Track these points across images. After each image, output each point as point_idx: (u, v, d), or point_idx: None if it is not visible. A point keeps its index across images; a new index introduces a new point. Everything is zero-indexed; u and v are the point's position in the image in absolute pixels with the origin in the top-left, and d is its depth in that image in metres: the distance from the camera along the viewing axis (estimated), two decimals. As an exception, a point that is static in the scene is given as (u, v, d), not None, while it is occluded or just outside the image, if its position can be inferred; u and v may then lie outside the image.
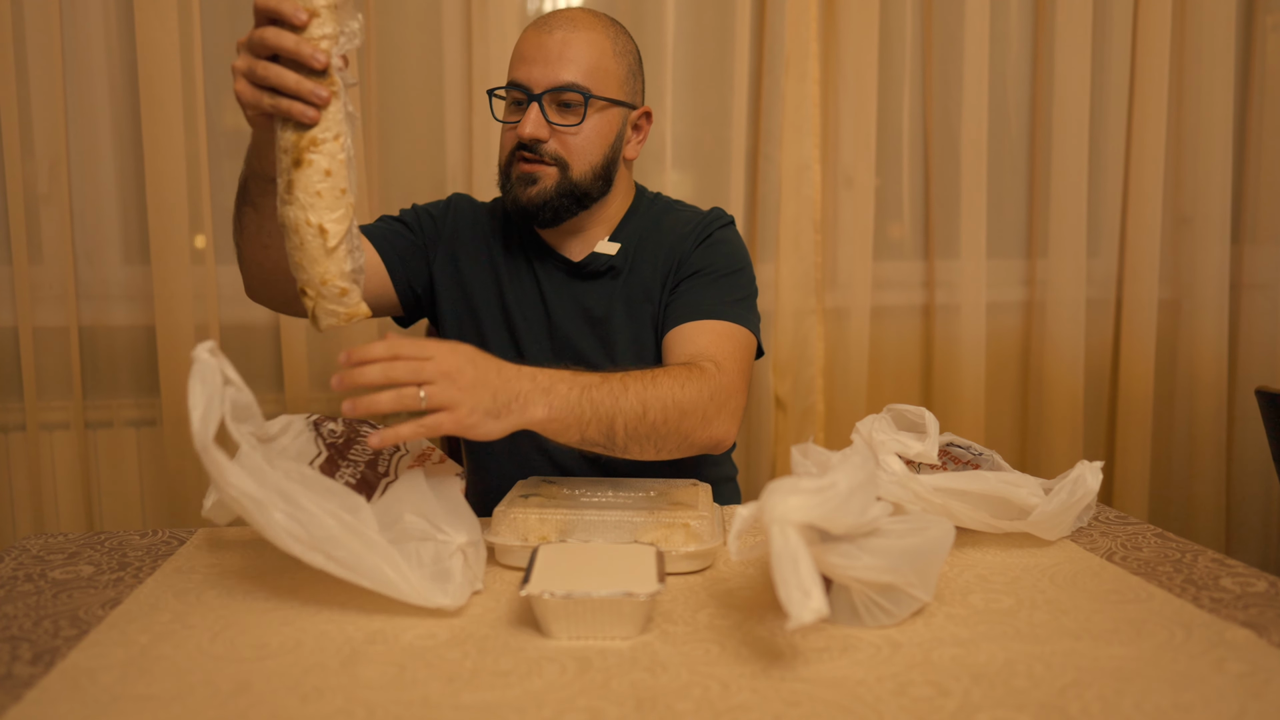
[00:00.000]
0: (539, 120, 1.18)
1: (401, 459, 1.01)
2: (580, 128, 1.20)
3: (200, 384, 0.79)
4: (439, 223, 1.33)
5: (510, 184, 1.23)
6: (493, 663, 0.72)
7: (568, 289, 1.29)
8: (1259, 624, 0.76)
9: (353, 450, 0.99)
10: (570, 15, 1.22)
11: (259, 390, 1.88)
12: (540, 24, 1.21)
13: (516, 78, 1.20)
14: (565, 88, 1.18)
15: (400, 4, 1.87)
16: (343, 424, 1.02)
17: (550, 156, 1.20)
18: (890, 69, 2.00)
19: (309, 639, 0.76)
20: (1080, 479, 0.96)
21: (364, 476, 0.96)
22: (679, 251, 1.28)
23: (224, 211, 1.85)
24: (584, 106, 1.19)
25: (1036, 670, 0.69)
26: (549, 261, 1.30)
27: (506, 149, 1.23)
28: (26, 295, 1.72)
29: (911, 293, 2.08)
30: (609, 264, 1.28)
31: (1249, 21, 2.12)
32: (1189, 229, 2.11)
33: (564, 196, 1.21)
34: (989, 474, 0.97)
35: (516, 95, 1.21)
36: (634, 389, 0.98)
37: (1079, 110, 2.00)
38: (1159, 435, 2.15)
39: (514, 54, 1.22)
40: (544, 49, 1.18)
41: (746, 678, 0.69)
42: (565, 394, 0.92)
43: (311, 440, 0.97)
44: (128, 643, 0.75)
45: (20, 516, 1.79)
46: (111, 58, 1.77)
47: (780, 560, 0.69)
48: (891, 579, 0.76)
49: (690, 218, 1.32)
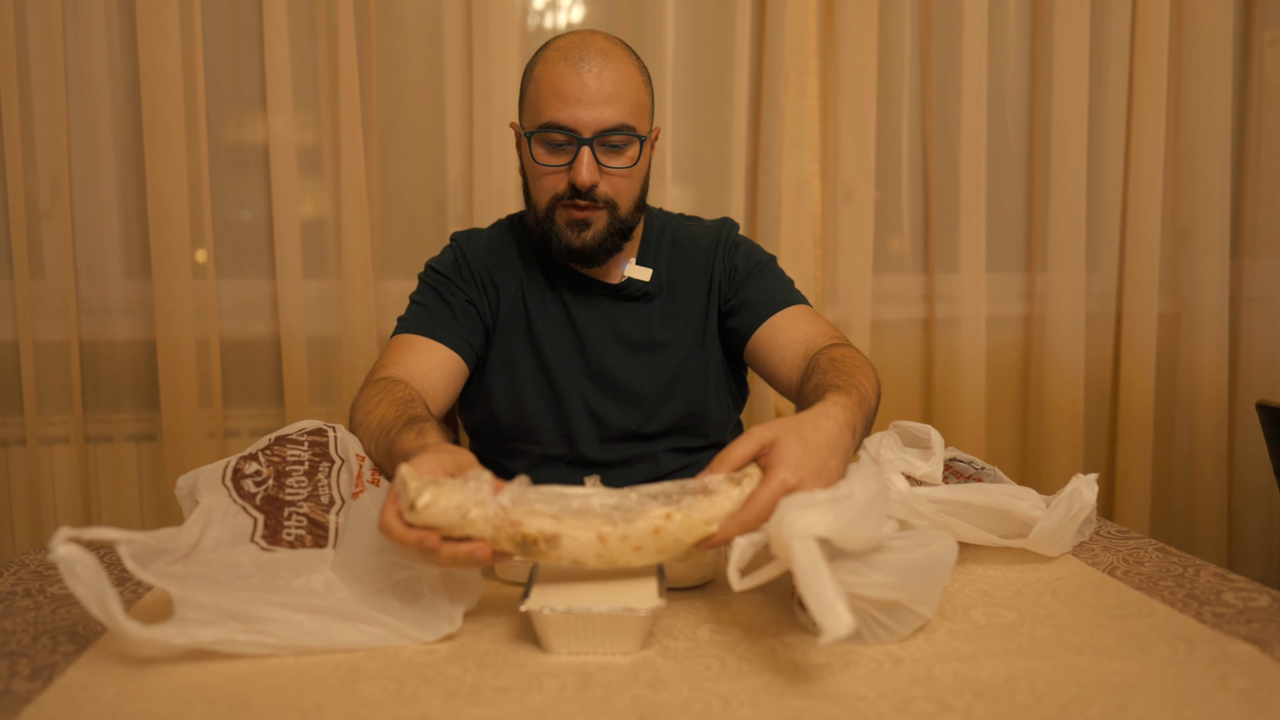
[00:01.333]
0: (593, 165, 1.14)
1: (339, 471, 0.93)
2: (632, 170, 1.18)
3: (78, 581, 0.71)
4: (464, 273, 1.28)
5: (555, 229, 1.18)
6: (493, 679, 0.71)
7: (600, 313, 1.27)
8: (1262, 639, 0.75)
9: (287, 486, 0.89)
10: (601, 48, 1.15)
11: (260, 405, 1.91)
12: (574, 59, 1.14)
13: (560, 120, 1.13)
14: (616, 130, 1.14)
15: (401, 20, 1.88)
16: (263, 459, 0.91)
17: (602, 199, 1.17)
18: (889, 83, 2.01)
19: (308, 655, 0.76)
20: (1076, 493, 0.96)
21: (312, 520, 0.87)
22: (715, 266, 1.29)
23: (225, 226, 1.85)
24: (637, 148, 1.17)
25: (1039, 686, 0.68)
26: (575, 286, 1.27)
27: (547, 193, 1.17)
28: (28, 310, 1.73)
29: (911, 306, 2.08)
30: (644, 289, 1.27)
31: (1246, 36, 2.13)
32: (1188, 242, 2.12)
33: (614, 235, 1.19)
34: (990, 486, 0.97)
35: (558, 138, 1.15)
36: (866, 386, 0.99)
37: (1078, 124, 2.01)
38: (1160, 449, 2.15)
39: (547, 91, 1.14)
40: (587, 89, 1.12)
41: (748, 693, 0.68)
42: (861, 423, 0.93)
43: (238, 511, 0.86)
44: (126, 659, 0.74)
45: (19, 531, 1.78)
46: (114, 73, 1.78)
47: (807, 575, 0.68)
48: (898, 596, 0.75)
49: (705, 231, 1.33)
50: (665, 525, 0.77)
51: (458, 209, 1.92)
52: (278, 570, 0.80)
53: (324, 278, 1.88)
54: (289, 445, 0.93)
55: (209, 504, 0.85)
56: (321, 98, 1.84)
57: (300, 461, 0.91)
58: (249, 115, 1.86)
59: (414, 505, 0.73)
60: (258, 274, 1.87)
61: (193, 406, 1.78)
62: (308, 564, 0.81)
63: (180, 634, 0.73)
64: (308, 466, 0.91)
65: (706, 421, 1.31)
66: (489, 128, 1.85)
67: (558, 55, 1.15)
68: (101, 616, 0.71)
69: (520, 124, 1.22)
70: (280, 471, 0.90)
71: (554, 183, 1.17)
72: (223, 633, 0.74)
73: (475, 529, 0.75)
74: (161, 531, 0.79)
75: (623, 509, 0.78)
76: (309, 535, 0.84)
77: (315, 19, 1.82)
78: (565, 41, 1.17)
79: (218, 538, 0.82)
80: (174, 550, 0.79)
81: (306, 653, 0.76)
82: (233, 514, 0.85)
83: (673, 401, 1.28)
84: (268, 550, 0.81)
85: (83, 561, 0.71)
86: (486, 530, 0.75)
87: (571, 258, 1.20)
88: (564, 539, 0.76)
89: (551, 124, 1.14)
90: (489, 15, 1.83)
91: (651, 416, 1.27)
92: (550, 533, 0.76)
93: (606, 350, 1.26)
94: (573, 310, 1.27)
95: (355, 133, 1.80)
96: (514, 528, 0.76)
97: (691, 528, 0.78)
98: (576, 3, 1.95)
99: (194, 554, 0.80)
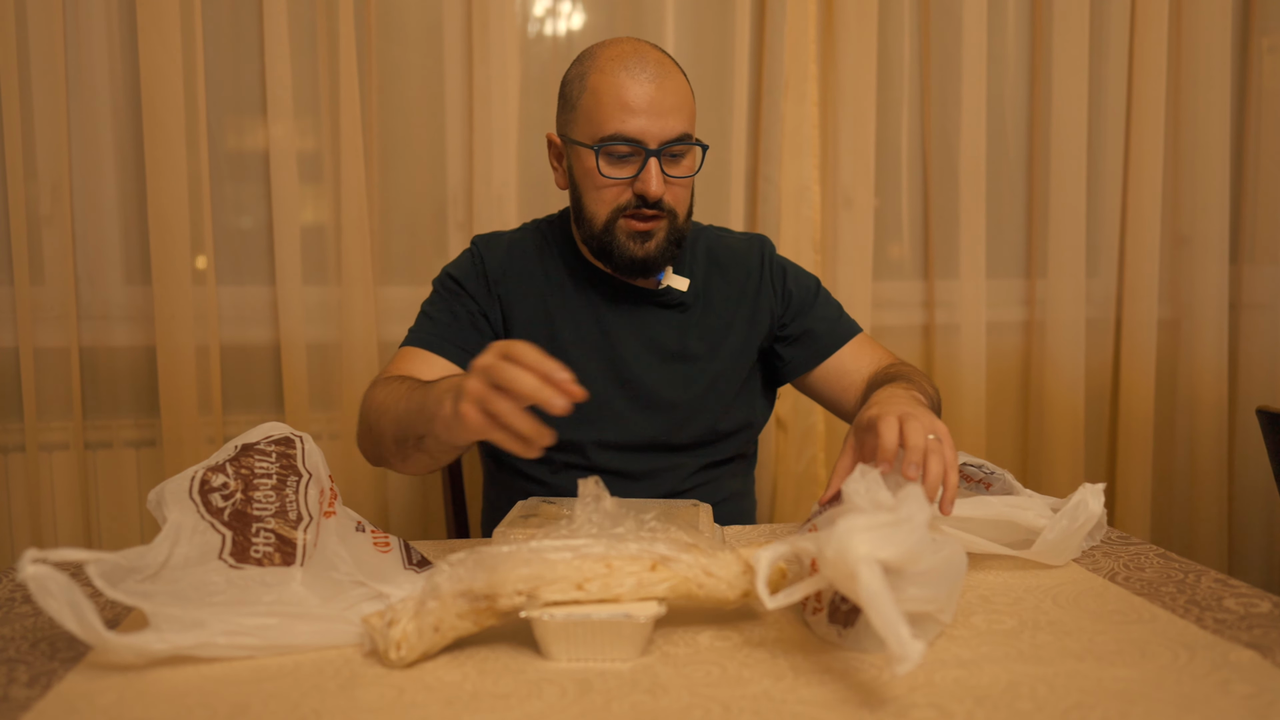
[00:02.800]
0: (660, 176, 1.15)
1: (306, 485, 0.91)
2: (692, 178, 1.20)
3: (49, 597, 0.71)
4: (478, 280, 1.27)
5: (616, 241, 1.18)
6: (492, 685, 0.71)
7: (634, 320, 1.26)
8: (1263, 645, 0.75)
9: (255, 501, 0.86)
10: (657, 57, 1.16)
11: (260, 411, 1.91)
12: (633, 70, 1.14)
13: (626, 131, 1.13)
14: (679, 140, 1.15)
15: (402, 27, 1.88)
16: (231, 471, 0.88)
17: (665, 209, 1.17)
18: (889, 90, 2.02)
19: (307, 661, 0.76)
20: (1081, 504, 0.95)
21: (280, 536, 0.85)
22: (760, 287, 1.32)
23: (225, 232, 1.85)
24: (695, 156, 1.18)
25: (1040, 692, 0.68)
26: (608, 291, 1.27)
27: (608, 205, 1.17)
28: (28, 316, 1.73)
29: (911, 313, 2.08)
30: (680, 298, 1.28)
31: (1245, 42, 2.13)
32: (1188, 249, 2.12)
33: (673, 244, 1.20)
34: (993, 499, 0.96)
35: (623, 150, 1.15)
36: (923, 384, 1.13)
37: (1077, 130, 2.01)
38: (1160, 455, 2.14)
39: (610, 103, 1.13)
40: (652, 100, 1.13)
41: (748, 700, 0.68)
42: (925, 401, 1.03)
43: (206, 528, 0.83)
44: (125, 665, 0.74)
45: (19, 537, 1.78)
46: (114, 79, 1.79)
47: (875, 601, 0.66)
48: (933, 609, 0.74)
49: (741, 246, 1.35)
50: (648, 578, 0.77)
51: (458, 215, 1.93)
52: (248, 586, 0.79)
53: (324, 284, 1.88)
54: (256, 456, 0.91)
55: (177, 520, 0.83)
56: (322, 104, 1.84)
57: (268, 474, 0.89)
58: (249, 122, 1.86)
59: (390, 655, 0.74)
60: (258, 280, 1.87)
61: (192, 413, 1.78)
62: (277, 581, 0.80)
63: (159, 639, 0.73)
64: (275, 480, 0.89)
65: (734, 436, 1.31)
66: (489, 135, 1.85)
67: (615, 65, 1.14)
68: (78, 630, 0.71)
69: (569, 135, 1.20)
70: (248, 484, 0.88)
71: (616, 194, 1.17)
72: (202, 636, 0.73)
73: (456, 631, 0.75)
74: (130, 550, 0.78)
75: (606, 558, 0.77)
76: (278, 553, 0.82)
77: (316, 26, 1.83)
78: (618, 51, 1.16)
79: (186, 555, 0.81)
80: (143, 569, 0.78)
81: (291, 652, 0.76)
82: (201, 531, 0.83)
83: (703, 414, 1.27)
84: (236, 568, 0.80)
85: (53, 578, 0.70)
86: (469, 625, 0.75)
87: (635, 269, 1.20)
88: (542, 592, 0.75)
89: (617, 135, 1.13)
90: (489, 23, 1.83)
91: (680, 427, 1.27)
92: (528, 592, 0.75)
93: (637, 358, 1.26)
94: (603, 315, 1.26)
95: (355, 139, 1.81)
96: (489, 601, 0.75)
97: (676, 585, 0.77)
98: (576, 10, 1.96)
99: (163, 571, 0.79)
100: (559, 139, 1.24)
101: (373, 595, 0.83)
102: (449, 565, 0.76)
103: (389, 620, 0.75)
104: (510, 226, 1.88)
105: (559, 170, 1.26)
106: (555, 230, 1.32)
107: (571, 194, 1.24)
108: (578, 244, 1.29)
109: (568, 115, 1.20)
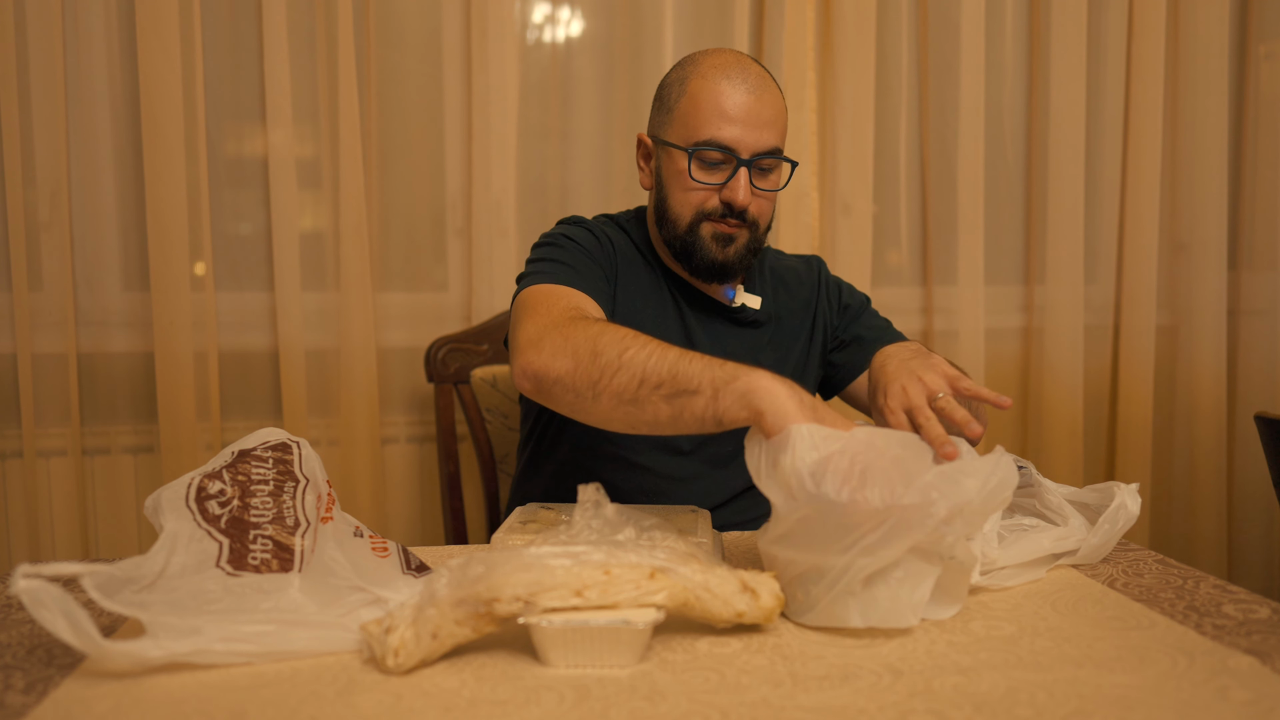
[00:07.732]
0: (749, 186, 1.16)
1: (303, 491, 0.91)
2: (777, 193, 1.21)
3: (44, 611, 0.70)
4: (604, 253, 1.25)
5: (699, 242, 1.20)
6: (490, 692, 0.71)
7: (716, 332, 1.28)
8: (1262, 651, 0.75)
9: (252, 507, 0.86)
10: (758, 70, 1.18)
11: (258, 417, 1.91)
12: (734, 79, 1.16)
13: (721, 139, 1.15)
14: (771, 153, 1.17)
15: (401, 34, 1.89)
16: (228, 477, 0.88)
17: (749, 219, 1.19)
18: (887, 97, 2.02)
19: (305, 668, 0.75)
20: (1121, 506, 0.97)
21: (277, 543, 0.84)
22: (819, 302, 1.35)
23: (224, 238, 1.86)
24: (782, 171, 1.20)
25: (1039, 699, 0.68)
26: (694, 301, 1.28)
27: (693, 208, 1.19)
28: (26, 322, 1.73)
29: (910, 319, 2.08)
30: (754, 316, 1.30)
31: (1242, 49, 2.14)
32: (1186, 255, 2.12)
33: (751, 254, 1.22)
34: (1041, 538, 0.95)
35: (715, 156, 1.16)
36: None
37: (1075, 138, 2.02)
38: (1159, 461, 2.15)
39: (708, 108, 1.15)
40: (749, 110, 1.15)
41: (746, 706, 0.68)
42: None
43: (203, 536, 0.83)
44: (121, 672, 0.74)
45: (16, 543, 1.78)
46: (113, 85, 1.79)
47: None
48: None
49: (799, 266, 1.39)
50: (647, 586, 0.76)
51: (456, 222, 1.93)
52: (245, 594, 0.78)
53: (323, 290, 1.88)
54: (253, 462, 0.90)
55: (173, 529, 0.82)
56: (321, 111, 1.84)
57: (265, 481, 0.89)
58: (248, 128, 1.86)
59: (388, 662, 0.73)
60: (256, 286, 1.87)
61: (190, 419, 1.78)
62: (275, 588, 0.79)
63: (155, 647, 0.72)
64: (272, 486, 0.89)
65: None
66: (487, 141, 1.86)
67: (716, 73, 1.16)
68: (74, 639, 0.70)
69: (661, 136, 1.22)
70: (245, 490, 0.87)
71: (703, 198, 1.19)
72: (199, 643, 0.73)
73: (454, 638, 0.75)
74: (126, 561, 0.78)
75: (604, 565, 0.76)
76: (275, 560, 0.82)
77: (315, 33, 1.83)
78: (721, 60, 1.18)
79: (183, 564, 0.80)
80: (139, 579, 0.78)
81: (289, 658, 0.76)
82: (198, 539, 0.82)
83: None
84: (234, 575, 0.80)
85: (46, 589, 0.70)
86: (468, 631, 0.75)
87: (714, 271, 1.22)
88: (540, 599, 0.75)
89: (712, 142, 1.15)
90: (488, 29, 1.84)
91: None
92: (525, 598, 0.75)
93: None
94: (690, 324, 1.27)
95: (354, 146, 1.81)
96: (487, 607, 0.74)
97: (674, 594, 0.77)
98: (575, 18, 1.96)
99: (160, 581, 0.78)
100: (649, 139, 1.26)
101: (371, 600, 0.83)
102: (447, 571, 0.76)
103: (387, 627, 0.75)
104: (509, 233, 1.89)
105: (645, 170, 1.28)
106: (635, 228, 1.32)
107: (656, 194, 1.26)
108: (656, 246, 1.30)
109: (663, 117, 1.22)
